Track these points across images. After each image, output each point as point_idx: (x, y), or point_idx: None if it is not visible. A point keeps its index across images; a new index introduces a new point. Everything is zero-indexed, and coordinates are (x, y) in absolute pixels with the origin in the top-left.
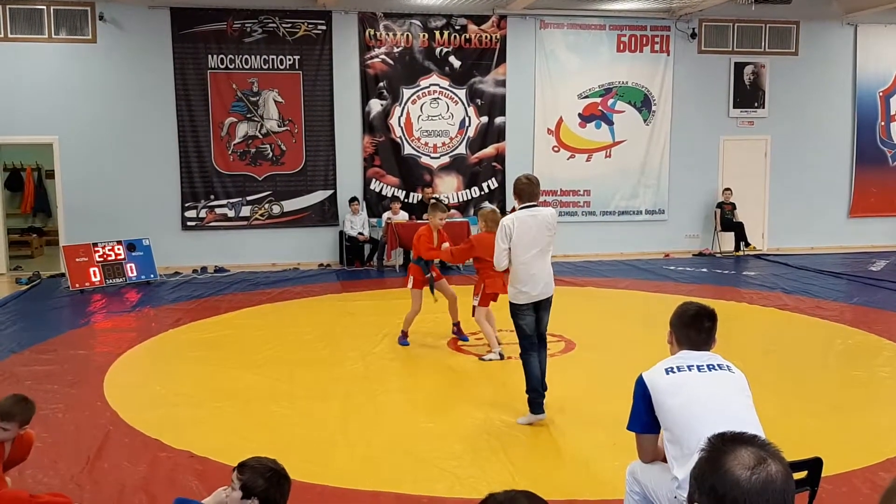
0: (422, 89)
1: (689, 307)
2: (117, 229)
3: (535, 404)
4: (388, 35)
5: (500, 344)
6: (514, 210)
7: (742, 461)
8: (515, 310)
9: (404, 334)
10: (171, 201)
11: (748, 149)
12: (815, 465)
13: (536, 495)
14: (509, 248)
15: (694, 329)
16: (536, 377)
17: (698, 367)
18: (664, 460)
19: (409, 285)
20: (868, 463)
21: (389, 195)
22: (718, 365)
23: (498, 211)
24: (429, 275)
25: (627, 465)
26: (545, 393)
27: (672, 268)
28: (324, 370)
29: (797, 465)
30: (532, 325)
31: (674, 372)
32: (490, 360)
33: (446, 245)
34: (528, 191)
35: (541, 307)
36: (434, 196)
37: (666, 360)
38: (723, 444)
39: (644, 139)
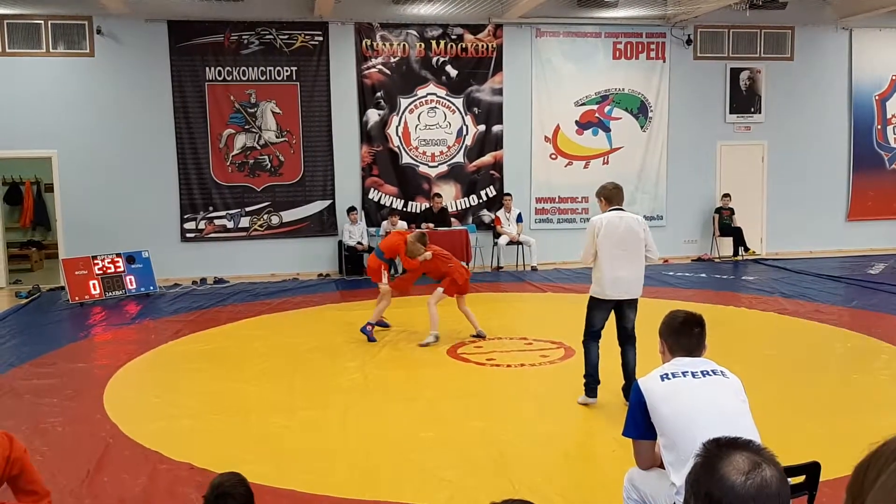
0: (419, 98)
1: (676, 315)
2: (116, 242)
3: (589, 388)
4: (384, 45)
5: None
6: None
7: (737, 466)
8: (590, 302)
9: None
10: (170, 213)
11: (745, 154)
12: (813, 469)
13: None
14: (595, 246)
15: (685, 336)
16: (593, 364)
17: (693, 373)
18: (662, 467)
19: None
20: None
21: (388, 204)
22: (713, 370)
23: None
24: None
25: (625, 473)
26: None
27: (671, 273)
28: (323, 380)
29: (795, 470)
30: (601, 320)
31: (669, 378)
32: (428, 343)
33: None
34: (617, 195)
35: (624, 304)
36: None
37: (661, 366)
38: (717, 450)
39: (641, 146)
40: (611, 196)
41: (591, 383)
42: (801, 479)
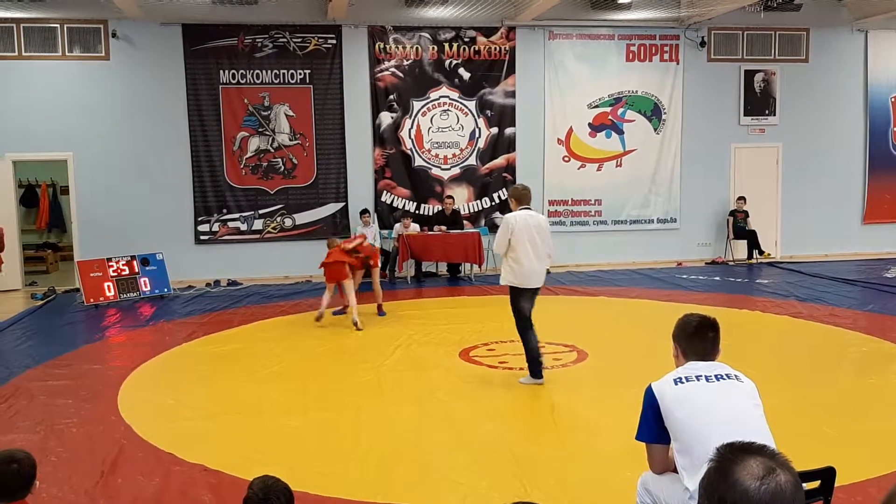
0: (432, 101)
1: (690, 319)
2: (131, 244)
3: (534, 370)
4: (397, 48)
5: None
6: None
7: (751, 471)
8: (514, 292)
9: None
10: (184, 216)
11: (760, 156)
12: (828, 474)
13: None
14: (509, 240)
15: (698, 339)
16: (534, 348)
17: (706, 377)
18: (675, 471)
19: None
20: (883, 472)
21: (400, 207)
22: (727, 374)
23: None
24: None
25: (639, 476)
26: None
27: (685, 276)
28: (336, 382)
29: (810, 475)
30: (528, 308)
31: (682, 382)
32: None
33: None
34: (526, 196)
35: (532, 293)
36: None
37: (675, 370)
38: (731, 455)
39: (655, 148)
40: (521, 196)
41: (536, 366)
42: (815, 484)
